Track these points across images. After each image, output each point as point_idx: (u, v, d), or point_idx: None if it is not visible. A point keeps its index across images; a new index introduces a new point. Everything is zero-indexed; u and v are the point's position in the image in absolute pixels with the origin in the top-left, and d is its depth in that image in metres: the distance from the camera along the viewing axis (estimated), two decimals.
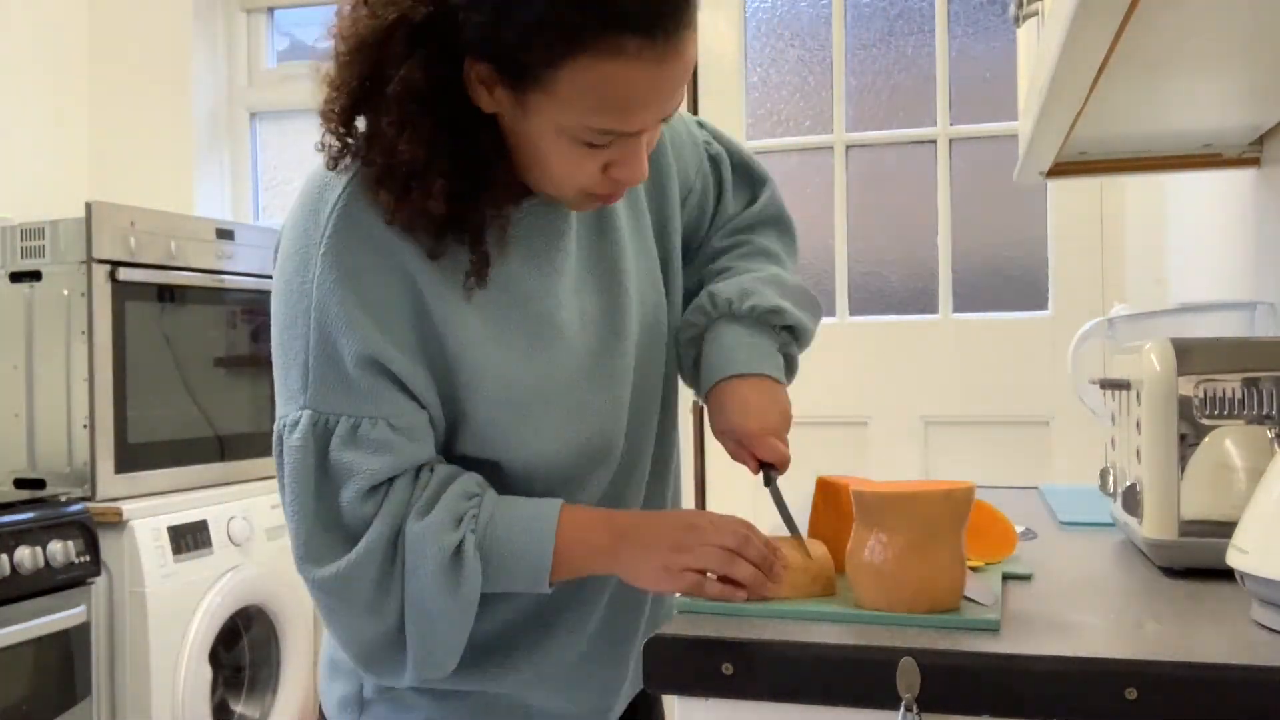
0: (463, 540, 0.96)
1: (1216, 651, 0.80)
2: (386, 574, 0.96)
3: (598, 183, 0.97)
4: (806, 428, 2.98)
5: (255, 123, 3.50)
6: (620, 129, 0.92)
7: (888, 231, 2.97)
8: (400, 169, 0.92)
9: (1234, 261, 1.79)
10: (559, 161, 0.95)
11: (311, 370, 0.96)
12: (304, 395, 0.96)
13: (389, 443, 0.96)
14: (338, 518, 0.96)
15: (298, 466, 0.96)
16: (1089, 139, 1.56)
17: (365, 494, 0.95)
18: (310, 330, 0.96)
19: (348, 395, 0.95)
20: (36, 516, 2.33)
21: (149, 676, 2.48)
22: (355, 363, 0.95)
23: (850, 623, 0.90)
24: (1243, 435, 1.02)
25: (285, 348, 0.98)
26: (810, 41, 3.03)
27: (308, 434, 0.96)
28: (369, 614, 0.96)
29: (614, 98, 0.89)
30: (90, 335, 2.54)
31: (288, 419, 0.98)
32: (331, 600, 0.96)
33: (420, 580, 0.95)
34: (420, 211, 0.94)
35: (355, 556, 0.94)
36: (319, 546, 0.96)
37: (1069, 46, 0.99)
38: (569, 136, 0.92)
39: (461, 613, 0.96)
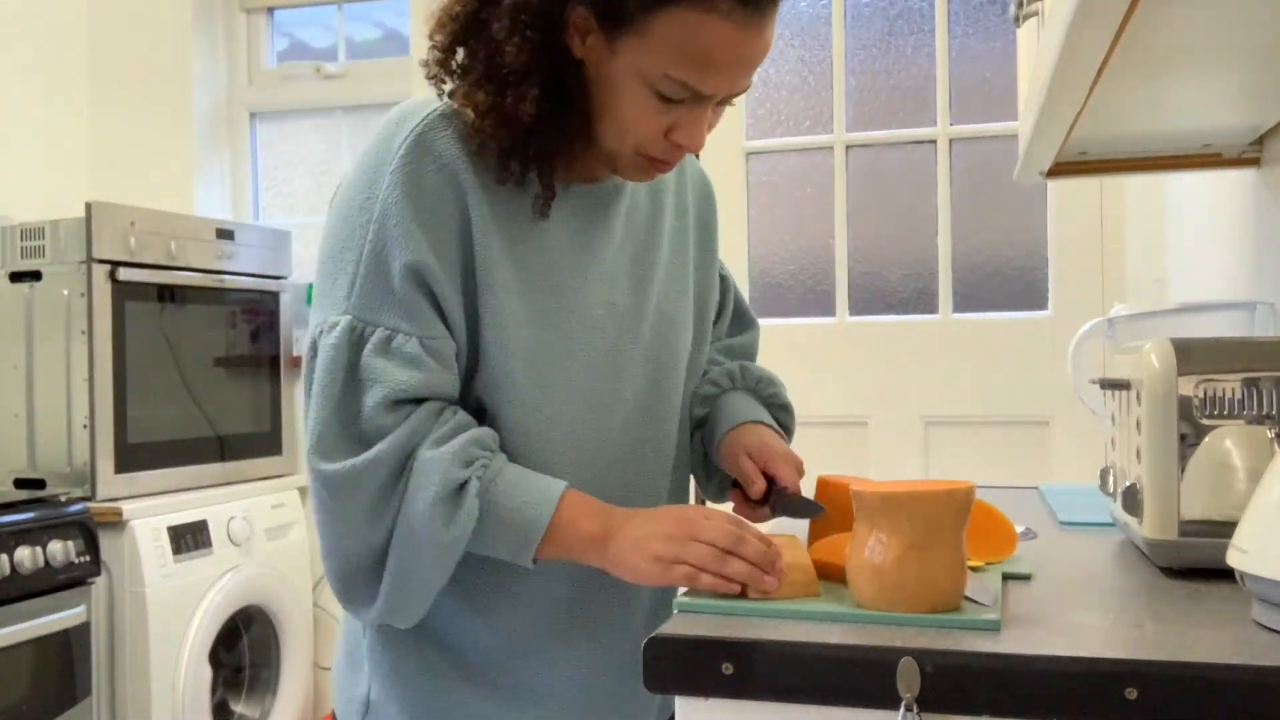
0: (468, 481, 0.98)
1: (1216, 651, 0.80)
2: (389, 488, 0.98)
3: (658, 144, 1.03)
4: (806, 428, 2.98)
5: (255, 123, 3.50)
6: (696, 85, 0.98)
7: (888, 231, 2.97)
8: (503, 69, 0.99)
9: (1234, 261, 1.79)
10: (631, 109, 1.00)
11: (359, 279, 1.00)
12: (347, 302, 1.00)
13: (419, 359, 0.99)
14: (357, 420, 0.99)
15: (329, 364, 0.99)
16: (1089, 139, 1.56)
17: (388, 405, 0.98)
18: (367, 240, 1.00)
19: (389, 306, 1.00)
20: (36, 516, 2.33)
21: (149, 676, 2.48)
22: (403, 274, 0.99)
23: (850, 623, 0.90)
24: (1243, 435, 1.02)
25: (336, 260, 1.02)
26: (810, 41, 3.03)
27: (344, 336, 0.99)
28: (362, 523, 0.98)
29: (699, 52, 0.96)
30: (90, 335, 2.54)
31: (326, 322, 1.01)
32: (330, 499, 0.98)
33: (417, 506, 0.97)
34: (508, 118, 0.99)
35: (365, 460, 0.97)
36: (333, 441, 0.99)
37: (1069, 46, 0.99)
38: (648, 84, 0.98)
39: (445, 551, 0.98)
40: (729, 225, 3.03)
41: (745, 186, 3.04)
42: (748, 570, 0.96)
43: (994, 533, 1.11)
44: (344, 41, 3.45)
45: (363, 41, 3.47)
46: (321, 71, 3.39)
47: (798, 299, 3.01)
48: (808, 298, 3.01)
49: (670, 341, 1.18)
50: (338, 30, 3.45)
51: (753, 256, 3.02)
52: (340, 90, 3.40)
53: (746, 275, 3.02)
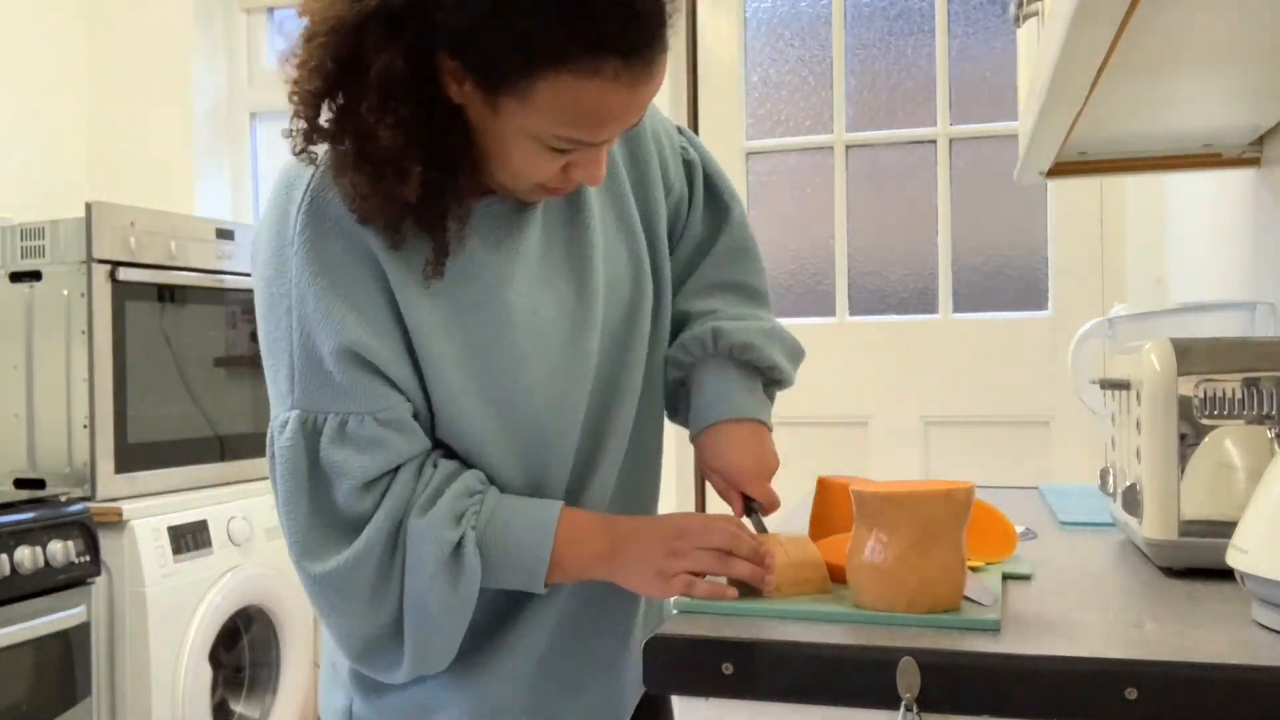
0: (463, 537, 0.97)
1: (1216, 651, 0.80)
2: (387, 567, 0.96)
3: (557, 180, 0.99)
4: (806, 428, 3.00)
5: (255, 123, 3.50)
6: (589, 139, 0.94)
7: (888, 231, 2.97)
8: (377, 155, 0.92)
9: (1234, 261, 1.79)
10: (520, 161, 0.96)
11: (297, 370, 0.97)
12: (291, 396, 0.97)
13: (378, 438, 0.96)
14: (334, 514, 0.97)
15: (289, 466, 0.97)
16: (1089, 139, 1.56)
17: (361, 490, 0.96)
18: (293, 329, 0.97)
19: (332, 392, 0.96)
20: (36, 516, 2.33)
21: (149, 676, 2.48)
22: (335, 357, 0.95)
23: (850, 623, 0.90)
24: (1243, 435, 1.02)
25: (272, 351, 0.99)
26: (810, 41, 3.03)
27: (297, 434, 0.96)
28: (368, 609, 0.97)
29: (587, 113, 0.91)
30: (90, 335, 2.54)
31: (277, 420, 0.99)
32: (331, 595, 0.96)
33: (420, 577, 0.96)
34: (389, 198, 0.94)
35: (356, 550, 0.95)
36: (317, 543, 0.97)
37: (1069, 46, 0.99)
38: (535, 141, 0.93)
39: (460, 609, 0.97)
40: None
41: (745, 186, 3.04)
42: (750, 570, 0.97)
43: (994, 533, 1.11)
44: None
45: None
46: None
47: (798, 299, 3.01)
48: (808, 298, 3.01)
49: (636, 312, 1.12)
50: None
51: None
52: None
53: None
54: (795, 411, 3.01)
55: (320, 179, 0.98)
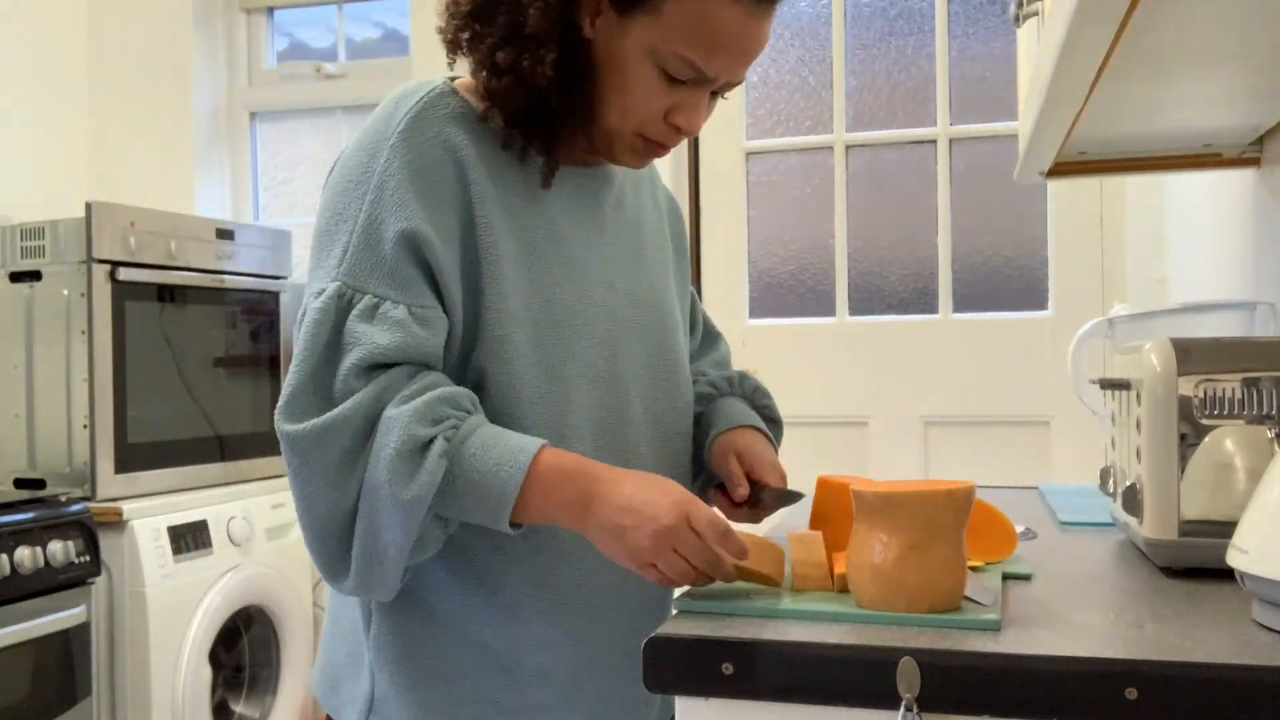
0: (433, 439, 0.96)
1: (1216, 651, 0.80)
2: (356, 448, 0.97)
3: (657, 125, 1.06)
4: (806, 428, 3.00)
5: (255, 123, 3.50)
6: (703, 66, 1.02)
7: (888, 231, 2.97)
8: (524, 31, 1.01)
9: (1234, 261, 1.79)
10: (637, 86, 1.03)
11: (351, 247, 1.01)
12: (338, 269, 1.01)
13: (404, 324, 0.99)
14: (327, 385, 0.98)
15: (312, 328, 0.99)
16: (1089, 139, 1.56)
17: (363, 369, 0.98)
18: (363, 210, 1.01)
19: (379, 274, 1.00)
20: (36, 516, 2.33)
21: (149, 676, 2.48)
22: (396, 242, 1.00)
23: (850, 623, 0.90)
24: (1243, 435, 1.02)
25: (330, 231, 1.03)
26: (810, 41, 3.03)
27: (331, 302, 0.99)
28: (330, 484, 0.97)
29: (710, 33, 1.00)
30: (90, 335, 2.54)
31: (315, 289, 1.02)
32: (298, 459, 0.97)
33: (379, 463, 0.95)
34: (526, 79, 1.02)
35: (330, 417, 0.96)
36: (303, 403, 0.98)
37: (1069, 46, 0.99)
38: (656, 62, 1.02)
39: (405, 511, 0.95)
40: (729, 225, 3.03)
41: (745, 186, 3.04)
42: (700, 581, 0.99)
43: (994, 533, 1.11)
44: (344, 41, 3.45)
45: (363, 41, 3.47)
46: (321, 71, 3.39)
47: (798, 299, 3.01)
48: (808, 298, 3.01)
49: (669, 327, 1.20)
50: (338, 30, 3.45)
51: (753, 256, 3.02)
52: (340, 90, 3.40)
53: (746, 275, 3.02)
54: (795, 411, 3.01)
55: (434, 96, 1.05)
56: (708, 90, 1.06)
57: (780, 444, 1.29)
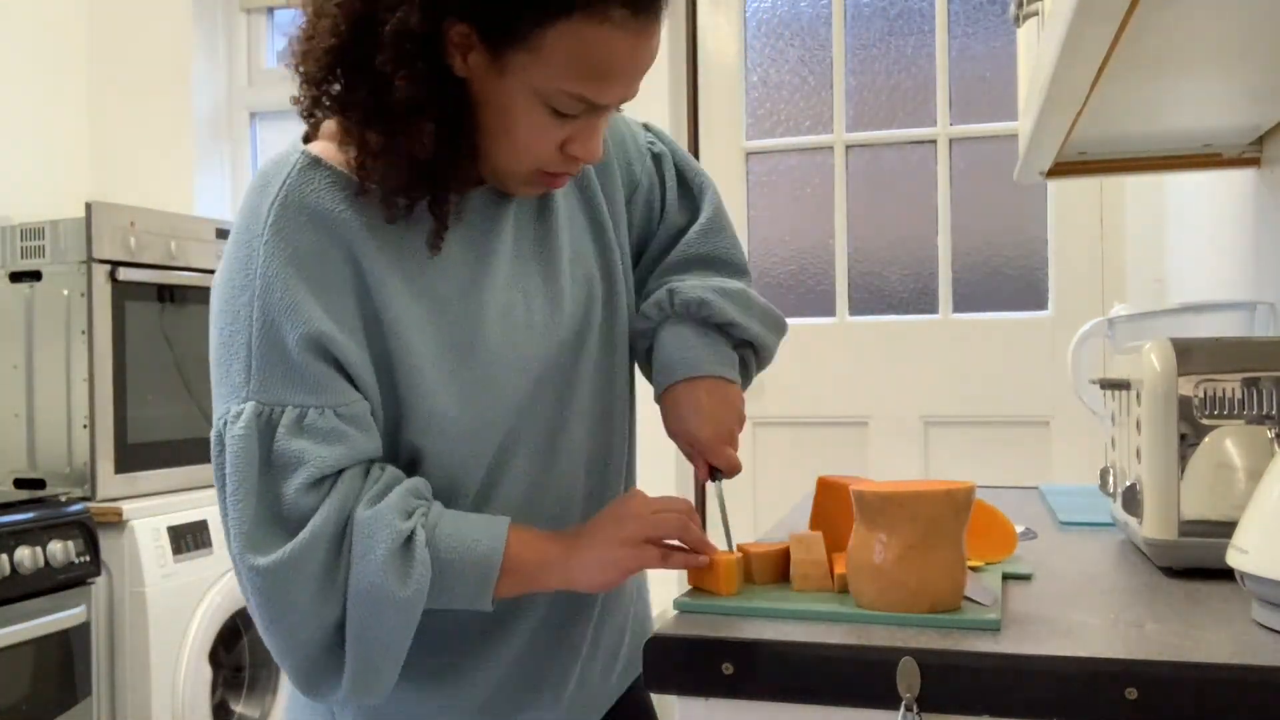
0: (414, 531, 0.94)
1: (1216, 651, 0.80)
2: (334, 560, 0.93)
3: (554, 160, 0.99)
4: (806, 428, 3.00)
5: (255, 123, 3.50)
6: (593, 98, 0.95)
7: (888, 231, 2.97)
8: (392, 107, 0.93)
9: (1234, 261, 1.79)
10: (525, 128, 0.96)
11: (254, 361, 0.94)
12: (246, 388, 0.94)
13: (338, 431, 0.94)
14: (280, 509, 0.94)
15: (241, 457, 0.93)
16: (1089, 139, 1.56)
17: (311, 485, 0.93)
18: (254, 320, 0.95)
19: (292, 383, 0.94)
20: (36, 516, 2.33)
21: (149, 676, 2.48)
22: (300, 346, 0.94)
23: (850, 623, 0.90)
24: (1243, 435, 1.02)
25: (226, 345, 0.96)
26: (810, 41, 3.03)
27: (251, 424, 0.93)
28: (313, 605, 0.93)
29: (595, 63, 0.93)
30: (90, 335, 2.54)
31: (229, 413, 0.95)
32: (273, 592, 0.92)
33: (368, 566, 0.92)
34: (399, 156, 0.95)
35: (301, 541, 0.92)
36: (262, 536, 0.93)
37: (1069, 46, 0.99)
38: (542, 101, 0.95)
39: (407, 609, 0.93)
40: None
41: (745, 186, 3.04)
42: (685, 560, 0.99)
43: (994, 533, 1.11)
44: None
45: None
46: None
47: (798, 299, 3.01)
48: (808, 298, 3.01)
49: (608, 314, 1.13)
50: None
51: (753, 256, 3.02)
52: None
53: None
54: (795, 411, 3.02)
55: (297, 174, 0.98)
56: (601, 117, 0.99)
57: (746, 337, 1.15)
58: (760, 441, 2.99)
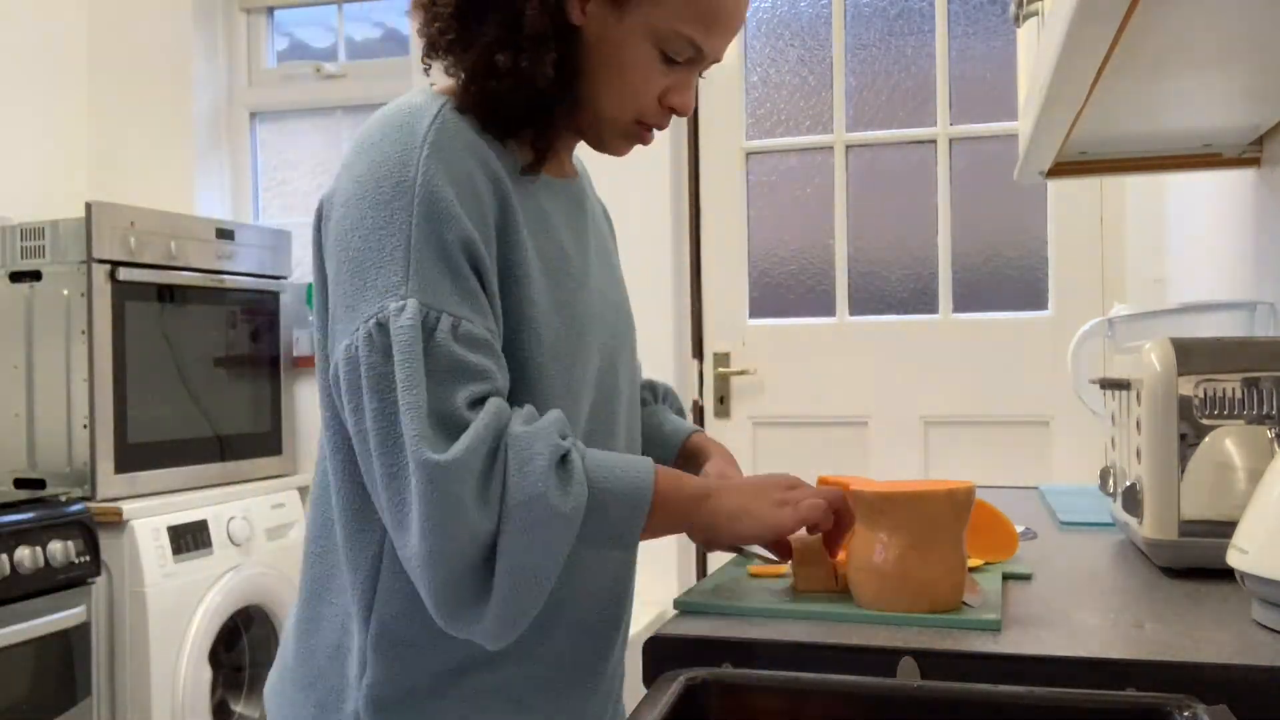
0: (569, 451, 0.93)
1: (1216, 651, 0.80)
2: (488, 471, 0.91)
3: (653, 110, 1.06)
4: (806, 428, 3.00)
5: (255, 123, 3.50)
6: (702, 43, 1.03)
7: (888, 231, 2.97)
8: (521, 33, 0.99)
9: (1234, 261, 1.79)
10: (636, 71, 1.03)
11: (414, 261, 0.93)
12: (405, 286, 0.93)
13: (489, 346, 0.96)
14: (445, 412, 0.92)
15: (409, 349, 0.91)
16: (1089, 139, 1.56)
17: (469, 394, 0.93)
18: (412, 223, 0.94)
19: (450, 289, 0.94)
20: (36, 516, 2.33)
21: (149, 676, 2.48)
22: (460, 249, 0.95)
23: (850, 622, 0.90)
24: (1243, 435, 1.02)
25: (375, 248, 0.94)
26: (810, 41, 3.03)
27: (417, 318, 0.92)
28: (472, 510, 0.89)
29: (710, 11, 1.02)
30: (90, 335, 2.54)
31: (389, 308, 0.92)
32: (445, 488, 0.88)
33: (529, 478, 0.90)
34: (526, 81, 1.00)
35: (468, 441, 0.90)
36: (436, 431, 0.90)
37: (1069, 46, 0.99)
38: (655, 42, 1.02)
39: (565, 523, 0.91)
40: (729, 225, 3.03)
41: (745, 186, 3.04)
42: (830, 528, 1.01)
43: (994, 533, 1.11)
44: (344, 41, 3.45)
45: (363, 41, 3.47)
46: (321, 71, 3.39)
47: (798, 299, 3.01)
48: (808, 298, 3.01)
49: (634, 333, 1.22)
50: (338, 30, 3.45)
51: (753, 256, 3.02)
52: (340, 90, 3.40)
53: (746, 275, 3.02)
54: (795, 411, 3.02)
55: (450, 111, 1.01)
56: (699, 69, 1.07)
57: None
58: (760, 441, 2.99)
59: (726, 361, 3.01)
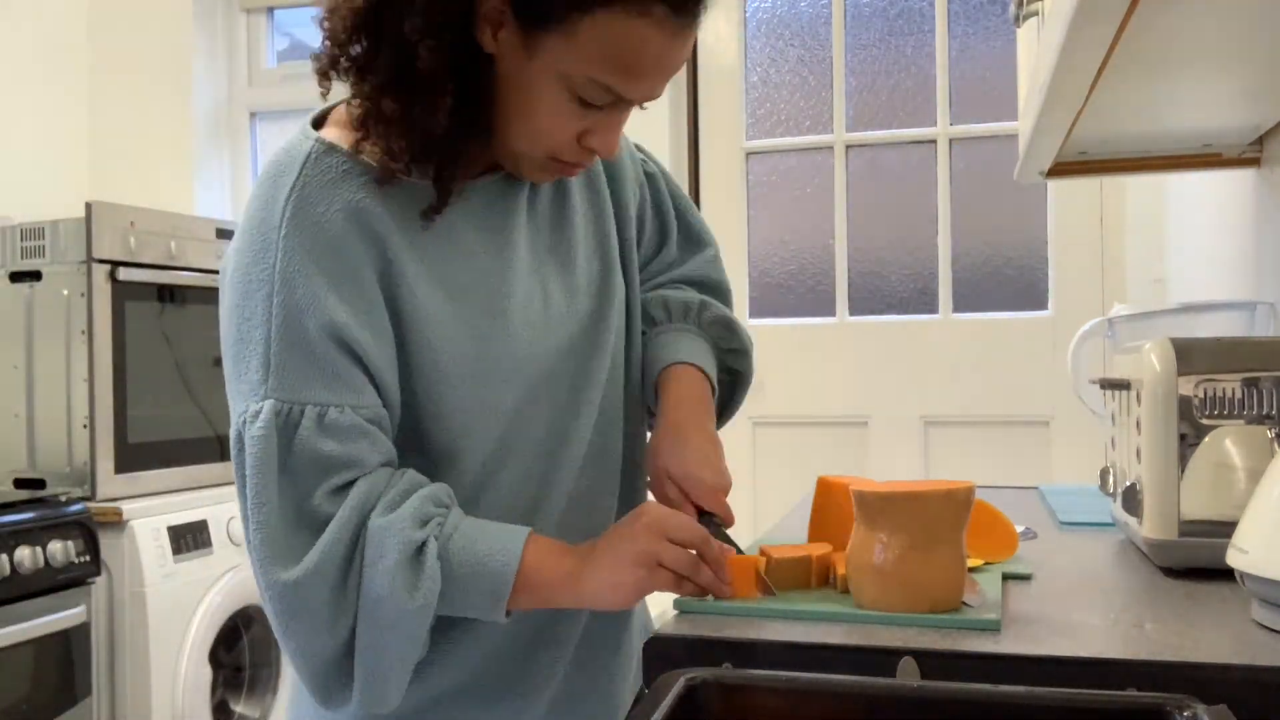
0: (426, 542, 0.91)
1: (1216, 651, 0.80)
2: (345, 573, 0.91)
3: (570, 149, 0.97)
4: (806, 428, 3.00)
5: (255, 123, 3.50)
6: (621, 91, 0.93)
7: (888, 231, 2.97)
8: (413, 75, 0.91)
9: (1234, 261, 1.79)
10: (546, 112, 0.94)
11: (274, 357, 0.92)
12: (265, 385, 0.91)
13: (360, 429, 0.92)
14: (302, 514, 0.91)
15: (261, 459, 0.91)
16: (1089, 139, 1.56)
17: (332, 488, 0.92)
18: (272, 315, 0.92)
19: (313, 379, 0.92)
20: (36, 516, 2.33)
21: (149, 676, 2.48)
22: (322, 337, 0.92)
23: (850, 622, 0.90)
24: (1243, 435, 1.02)
25: (242, 342, 0.94)
26: (810, 41, 3.03)
27: (270, 424, 0.91)
28: (328, 616, 0.91)
29: (628, 57, 0.91)
30: (90, 335, 2.54)
31: (248, 411, 0.92)
32: (292, 605, 0.91)
33: (378, 577, 0.90)
34: (417, 128, 0.93)
35: (320, 550, 0.90)
36: (284, 546, 0.91)
37: (1069, 46, 0.99)
38: (568, 87, 0.93)
39: (415, 621, 0.91)
40: (729, 225, 3.03)
41: (745, 186, 3.04)
42: (711, 578, 0.94)
43: (994, 533, 1.11)
44: None
45: None
46: None
47: (798, 299, 3.01)
48: (808, 298, 3.01)
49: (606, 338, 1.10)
50: None
51: (753, 257, 3.02)
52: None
53: (746, 275, 3.01)
54: (795, 411, 3.01)
55: (315, 162, 0.96)
56: (624, 112, 0.98)
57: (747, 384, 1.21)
58: (760, 441, 2.99)
59: None
